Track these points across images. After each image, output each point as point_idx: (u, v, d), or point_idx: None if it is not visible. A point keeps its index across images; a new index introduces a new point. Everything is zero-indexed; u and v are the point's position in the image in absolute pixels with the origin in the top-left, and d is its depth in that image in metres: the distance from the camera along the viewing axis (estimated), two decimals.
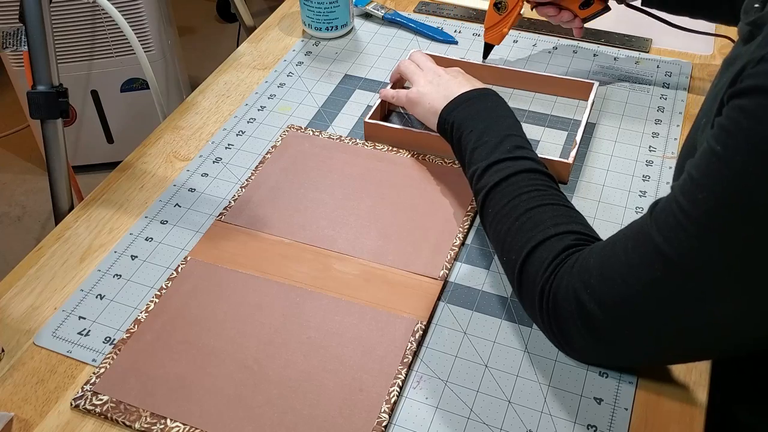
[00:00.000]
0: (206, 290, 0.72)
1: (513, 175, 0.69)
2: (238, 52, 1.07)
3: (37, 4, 0.84)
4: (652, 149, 0.88)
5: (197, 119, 0.95)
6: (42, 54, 0.86)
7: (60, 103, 0.88)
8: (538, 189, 0.68)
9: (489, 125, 0.75)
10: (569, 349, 0.65)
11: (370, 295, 0.71)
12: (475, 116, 0.77)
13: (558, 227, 0.64)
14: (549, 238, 0.64)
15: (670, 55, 1.03)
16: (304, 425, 0.61)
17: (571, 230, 0.64)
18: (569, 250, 0.63)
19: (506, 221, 0.67)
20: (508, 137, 0.73)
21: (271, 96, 0.98)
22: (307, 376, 0.65)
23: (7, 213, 1.98)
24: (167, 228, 0.80)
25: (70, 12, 1.67)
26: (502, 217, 0.68)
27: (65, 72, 1.73)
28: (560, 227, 0.64)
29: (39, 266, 0.76)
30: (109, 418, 0.62)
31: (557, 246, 0.63)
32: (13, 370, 0.67)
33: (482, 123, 0.76)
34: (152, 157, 0.89)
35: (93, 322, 0.70)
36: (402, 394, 0.64)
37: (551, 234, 0.64)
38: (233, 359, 0.66)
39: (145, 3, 1.70)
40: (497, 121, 0.76)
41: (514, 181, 0.69)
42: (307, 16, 1.07)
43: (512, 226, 0.66)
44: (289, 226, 0.79)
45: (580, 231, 0.65)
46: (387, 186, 0.83)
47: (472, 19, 1.12)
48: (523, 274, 0.65)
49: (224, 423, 0.62)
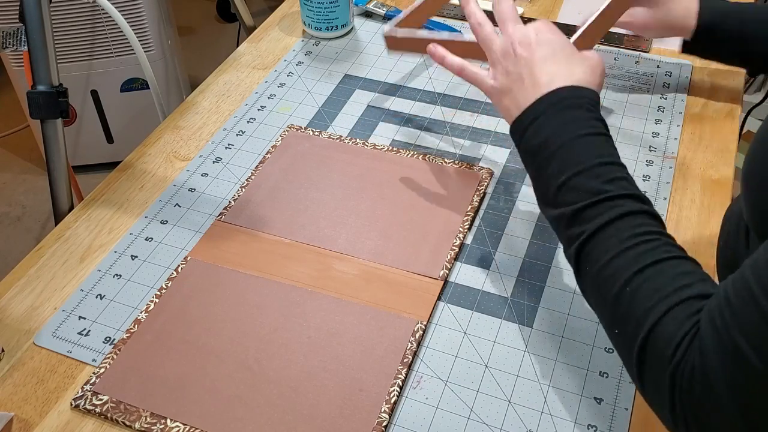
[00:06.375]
0: (206, 290, 0.72)
1: (615, 221, 0.56)
2: (238, 52, 1.07)
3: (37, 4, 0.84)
4: (652, 149, 0.88)
5: (197, 119, 0.95)
6: (42, 54, 0.86)
7: (60, 103, 0.88)
8: (649, 239, 0.55)
9: (581, 148, 0.61)
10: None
11: (370, 295, 0.71)
12: (564, 129, 0.62)
13: (682, 291, 0.52)
14: (674, 306, 0.51)
15: (671, 55, 1.03)
16: (304, 425, 0.61)
17: (700, 293, 0.52)
18: (696, 320, 0.50)
19: (614, 284, 0.54)
20: (604, 166, 0.59)
21: (271, 96, 0.98)
22: (307, 376, 0.65)
23: (7, 213, 1.98)
24: (167, 228, 0.80)
25: (70, 12, 1.67)
26: (607, 277, 0.55)
27: (65, 72, 1.73)
28: (684, 291, 0.52)
29: (39, 266, 0.76)
30: (109, 418, 0.62)
31: (685, 315, 0.51)
32: (13, 370, 0.67)
33: (572, 143, 0.61)
34: (152, 157, 0.89)
35: (93, 322, 0.70)
36: (402, 394, 0.64)
37: (675, 302, 0.51)
38: (233, 359, 0.66)
39: (145, 3, 1.70)
40: (590, 141, 0.61)
41: (616, 229, 0.56)
42: (307, 16, 1.07)
43: (622, 291, 0.54)
44: (289, 226, 0.79)
45: (707, 292, 0.52)
46: (387, 186, 0.83)
47: None
48: (647, 353, 0.52)
49: (224, 423, 0.62)
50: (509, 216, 0.80)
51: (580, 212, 0.58)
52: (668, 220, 0.79)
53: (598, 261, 0.56)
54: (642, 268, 0.53)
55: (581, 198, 0.58)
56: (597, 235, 0.56)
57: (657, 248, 0.54)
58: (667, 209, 0.80)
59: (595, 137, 0.61)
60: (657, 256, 0.54)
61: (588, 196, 0.58)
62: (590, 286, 0.58)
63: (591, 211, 0.57)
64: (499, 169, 0.86)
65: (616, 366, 0.66)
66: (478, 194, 0.82)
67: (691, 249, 0.76)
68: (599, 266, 0.56)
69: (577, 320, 0.69)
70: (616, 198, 0.57)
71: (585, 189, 0.58)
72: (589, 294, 0.58)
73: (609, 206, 0.57)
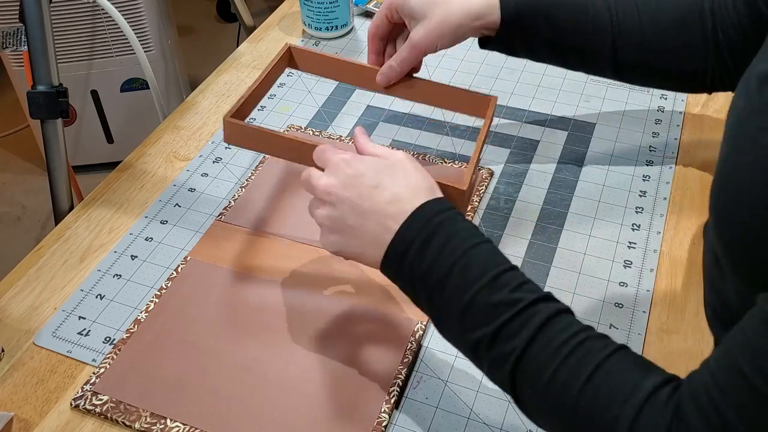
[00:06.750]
0: (206, 290, 0.72)
1: (541, 329, 0.51)
2: (238, 52, 1.07)
3: (37, 4, 0.85)
4: (652, 149, 0.88)
5: (197, 119, 0.95)
6: (42, 54, 0.86)
7: (60, 103, 0.88)
8: (581, 341, 0.51)
9: (474, 261, 0.55)
10: None
11: (370, 295, 0.71)
12: (447, 248, 0.56)
13: (641, 386, 0.48)
14: (642, 407, 0.47)
15: None
16: (304, 425, 0.61)
17: (658, 382, 0.48)
18: (674, 405, 0.47)
19: (566, 400, 0.50)
20: (504, 274, 0.54)
21: (271, 96, 0.98)
22: (307, 376, 0.65)
23: (7, 213, 1.98)
24: (167, 228, 0.80)
25: (70, 12, 1.67)
26: (556, 395, 0.50)
27: (65, 72, 1.73)
28: (643, 385, 0.48)
29: (39, 266, 0.76)
30: (109, 418, 0.62)
31: (657, 411, 0.47)
32: (13, 370, 0.67)
33: (462, 260, 0.55)
34: (152, 157, 0.89)
35: (93, 322, 0.70)
36: (402, 394, 0.64)
37: (640, 401, 0.47)
38: (233, 359, 0.66)
39: (145, 3, 1.70)
40: (479, 253, 0.55)
41: (547, 338, 0.51)
42: (307, 16, 1.07)
43: (578, 405, 0.49)
44: (289, 226, 0.79)
45: (666, 378, 0.49)
46: None
47: None
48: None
49: (224, 423, 0.62)
50: (509, 216, 0.80)
51: (501, 329, 0.52)
52: (668, 220, 0.79)
53: (540, 378, 0.51)
54: (589, 375, 0.49)
55: (496, 314, 0.52)
56: (528, 350, 0.51)
57: (592, 349, 0.50)
58: (667, 209, 0.80)
59: (481, 246, 0.56)
60: (598, 357, 0.50)
61: (503, 309, 0.52)
62: (537, 406, 0.52)
63: (513, 324, 0.52)
64: (499, 169, 0.86)
65: None
66: (478, 194, 0.82)
67: (690, 251, 0.76)
68: (543, 384, 0.50)
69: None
70: (530, 305, 0.52)
71: (496, 303, 0.53)
72: (537, 415, 0.53)
73: (529, 315, 0.52)
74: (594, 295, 0.72)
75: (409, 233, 0.57)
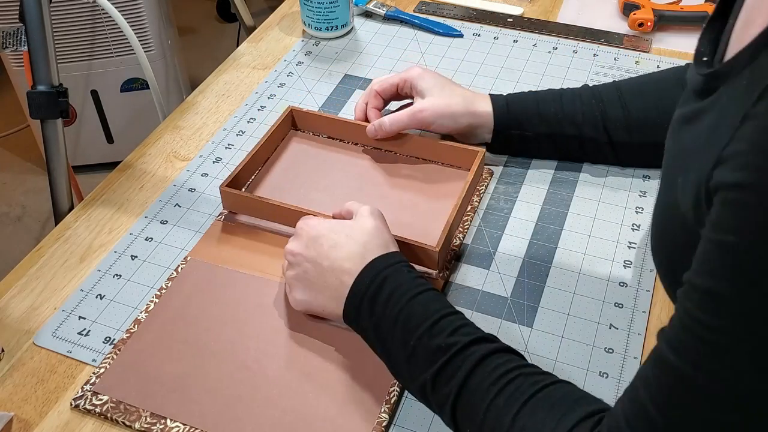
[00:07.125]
0: (206, 290, 0.72)
1: (473, 371, 0.56)
2: (238, 52, 1.07)
3: (37, 4, 0.85)
4: None
5: (197, 119, 0.95)
6: (42, 54, 0.86)
7: (60, 103, 0.88)
8: (511, 379, 0.55)
9: (415, 310, 0.60)
10: None
11: None
12: (393, 297, 0.61)
13: (564, 422, 0.51)
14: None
15: (670, 55, 1.03)
16: (304, 425, 0.61)
17: (581, 416, 0.51)
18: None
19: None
20: (442, 320, 0.59)
21: (271, 96, 0.98)
22: (307, 376, 0.65)
23: (7, 213, 1.99)
24: (167, 228, 0.80)
25: (70, 12, 1.67)
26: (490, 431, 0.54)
27: (65, 72, 1.73)
28: (566, 420, 0.51)
29: (39, 266, 0.76)
30: (109, 418, 0.62)
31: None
32: (13, 370, 0.67)
33: (405, 309, 0.60)
34: (152, 157, 0.89)
35: (93, 322, 0.70)
36: (402, 394, 0.64)
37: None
38: (233, 359, 0.66)
39: (145, 3, 1.70)
40: (420, 301, 0.61)
41: (479, 379, 0.55)
42: (307, 16, 1.07)
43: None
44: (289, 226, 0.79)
45: (591, 411, 0.52)
46: (387, 186, 0.83)
47: (472, 19, 1.12)
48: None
49: (224, 423, 0.62)
50: (509, 216, 0.80)
51: (439, 374, 0.57)
52: None
53: (475, 419, 0.54)
54: (515, 414, 0.52)
55: (435, 358, 0.57)
56: (463, 391, 0.55)
57: (521, 386, 0.54)
58: None
59: (424, 295, 0.61)
60: (526, 394, 0.53)
61: (439, 355, 0.57)
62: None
63: (448, 369, 0.56)
64: (499, 169, 0.86)
65: (615, 366, 0.66)
66: (478, 194, 0.82)
67: None
68: (478, 423, 0.54)
69: (577, 320, 0.69)
70: (464, 348, 0.57)
71: (434, 349, 0.57)
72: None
73: (462, 358, 0.56)
74: (594, 295, 0.72)
75: (361, 287, 0.63)
